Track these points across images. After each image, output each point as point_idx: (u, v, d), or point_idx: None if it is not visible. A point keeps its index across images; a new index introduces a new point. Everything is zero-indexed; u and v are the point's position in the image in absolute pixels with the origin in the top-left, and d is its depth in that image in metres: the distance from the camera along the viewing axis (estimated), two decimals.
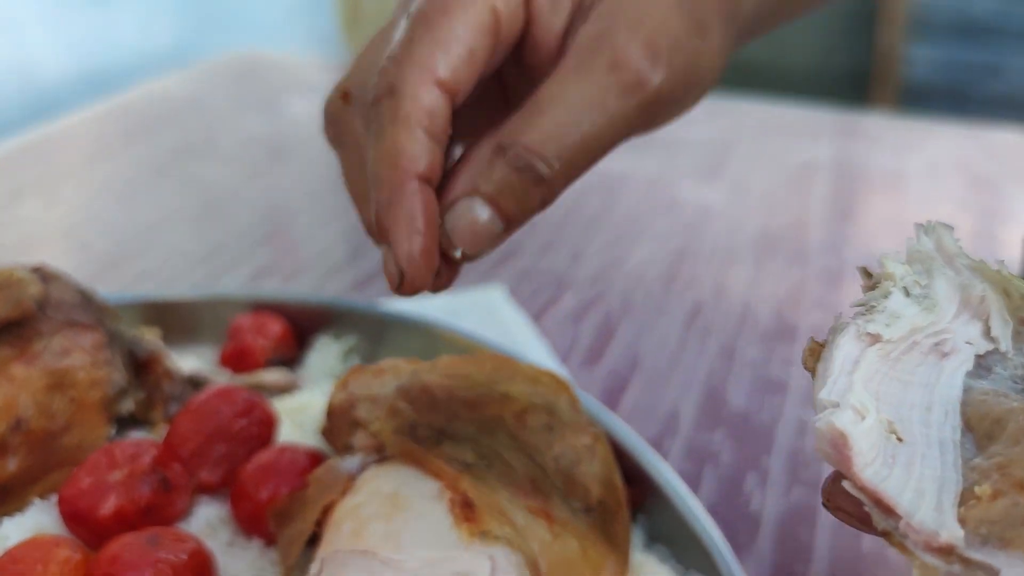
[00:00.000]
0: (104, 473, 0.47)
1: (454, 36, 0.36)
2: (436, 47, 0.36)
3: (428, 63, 0.36)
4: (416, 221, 0.36)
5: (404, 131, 0.36)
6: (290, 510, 0.46)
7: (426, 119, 0.36)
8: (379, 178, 0.37)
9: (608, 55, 0.37)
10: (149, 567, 0.42)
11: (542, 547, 0.41)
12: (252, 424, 0.52)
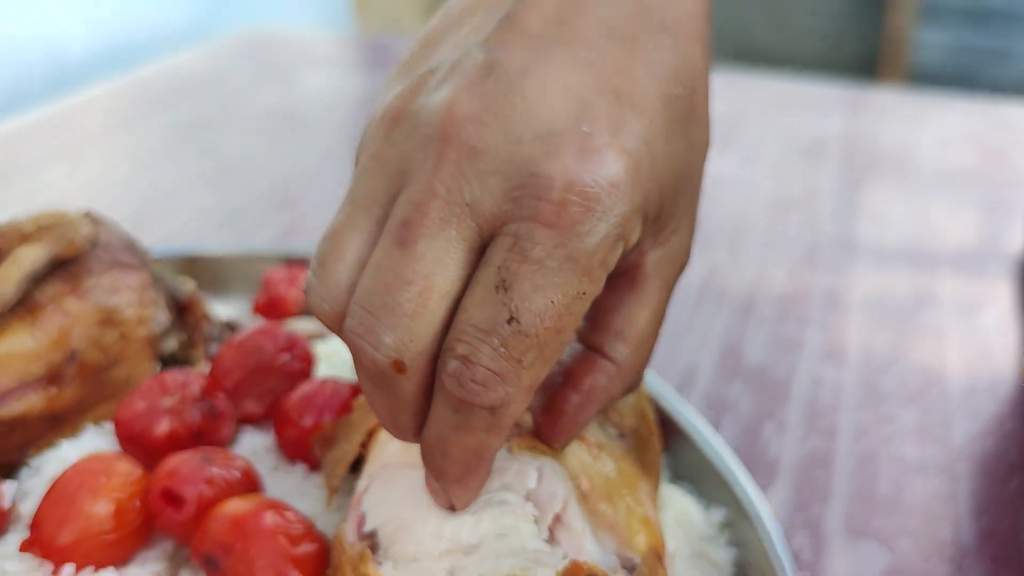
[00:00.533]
0: (157, 398, 0.49)
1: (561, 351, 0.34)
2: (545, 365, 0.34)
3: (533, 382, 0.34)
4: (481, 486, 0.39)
5: (497, 437, 0.35)
6: (334, 434, 0.49)
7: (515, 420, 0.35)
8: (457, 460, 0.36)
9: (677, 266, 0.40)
10: (204, 481, 0.44)
11: (582, 467, 0.43)
12: (294, 359, 0.54)
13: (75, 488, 0.43)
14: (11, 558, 0.43)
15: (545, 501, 0.39)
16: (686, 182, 0.38)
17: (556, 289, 0.32)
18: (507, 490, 0.40)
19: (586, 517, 0.40)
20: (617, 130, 0.34)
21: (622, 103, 0.34)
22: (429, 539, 0.38)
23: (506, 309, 0.32)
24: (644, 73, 0.35)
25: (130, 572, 0.44)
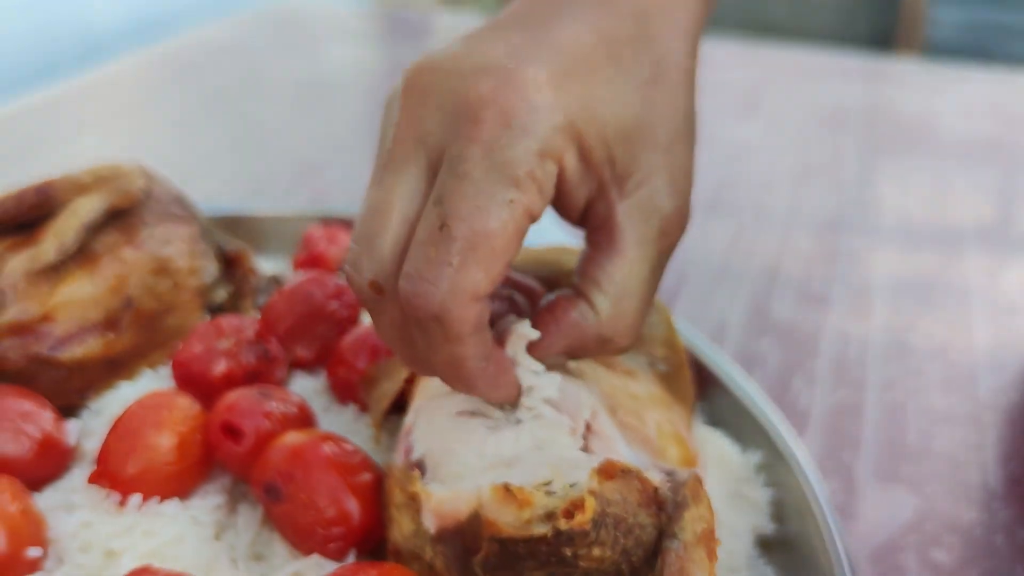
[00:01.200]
0: (213, 341, 0.51)
1: (498, 254, 0.36)
2: (479, 270, 0.36)
3: (471, 287, 0.36)
4: (493, 381, 0.40)
5: (460, 345, 0.37)
6: (378, 375, 0.50)
7: (476, 328, 0.37)
8: (447, 375, 0.39)
9: (657, 224, 0.41)
10: (262, 415, 0.46)
11: (612, 388, 0.44)
12: (342, 307, 0.56)
13: (140, 422, 0.45)
14: (79, 491, 0.45)
15: (575, 412, 0.41)
16: (644, 136, 0.40)
17: (482, 196, 0.36)
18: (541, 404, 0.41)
19: (617, 428, 0.41)
20: (541, 65, 0.37)
21: (553, 49, 0.38)
22: (473, 457, 0.40)
23: (438, 219, 0.36)
24: (588, 36, 0.39)
25: (192, 504, 0.45)
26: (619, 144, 0.39)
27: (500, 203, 0.36)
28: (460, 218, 0.35)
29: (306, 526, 0.42)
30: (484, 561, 0.37)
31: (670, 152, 0.41)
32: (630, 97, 0.40)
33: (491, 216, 0.36)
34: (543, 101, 0.37)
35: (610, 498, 0.36)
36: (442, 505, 0.38)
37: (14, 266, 0.51)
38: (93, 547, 0.43)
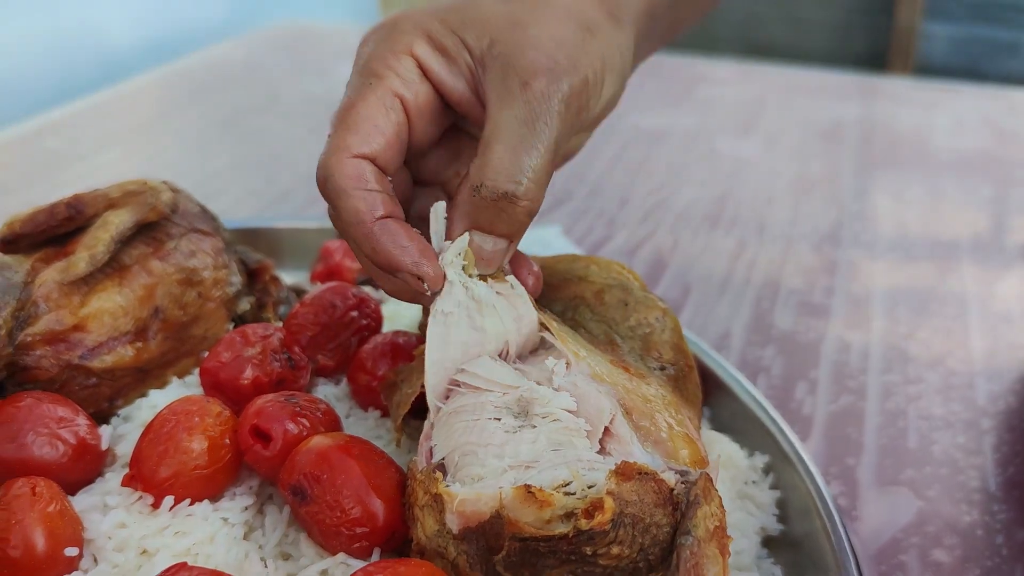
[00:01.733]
0: (240, 349, 0.52)
1: (361, 119, 0.45)
2: (347, 132, 0.45)
3: (342, 145, 0.45)
4: (400, 240, 0.44)
5: (346, 198, 0.44)
6: (398, 379, 0.52)
7: (357, 182, 0.44)
8: (353, 238, 0.45)
9: (516, 79, 0.44)
10: (290, 419, 0.47)
11: (625, 391, 0.46)
12: (362, 316, 0.58)
13: (172, 426, 0.47)
14: (114, 493, 0.47)
15: (595, 416, 0.43)
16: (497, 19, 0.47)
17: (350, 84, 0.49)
18: (557, 409, 0.43)
19: (632, 430, 0.43)
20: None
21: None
22: (492, 459, 0.42)
23: None
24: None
25: (222, 505, 0.47)
26: (470, 30, 0.47)
27: (360, 85, 0.47)
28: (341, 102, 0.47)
29: (332, 526, 0.43)
30: (505, 559, 0.38)
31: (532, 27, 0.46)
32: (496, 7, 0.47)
33: (354, 92, 0.47)
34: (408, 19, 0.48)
35: (628, 499, 0.38)
36: (465, 505, 0.40)
37: (47, 277, 0.53)
38: (128, 547, 0.45)
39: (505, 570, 0.39)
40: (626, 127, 1.19)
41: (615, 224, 0.95)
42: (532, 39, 0.45)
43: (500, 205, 0.44)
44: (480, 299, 0.46)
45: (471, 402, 0.45)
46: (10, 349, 0.51)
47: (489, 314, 0.46)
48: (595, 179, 1.05)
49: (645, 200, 1.00)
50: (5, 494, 0.44)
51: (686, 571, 0.36)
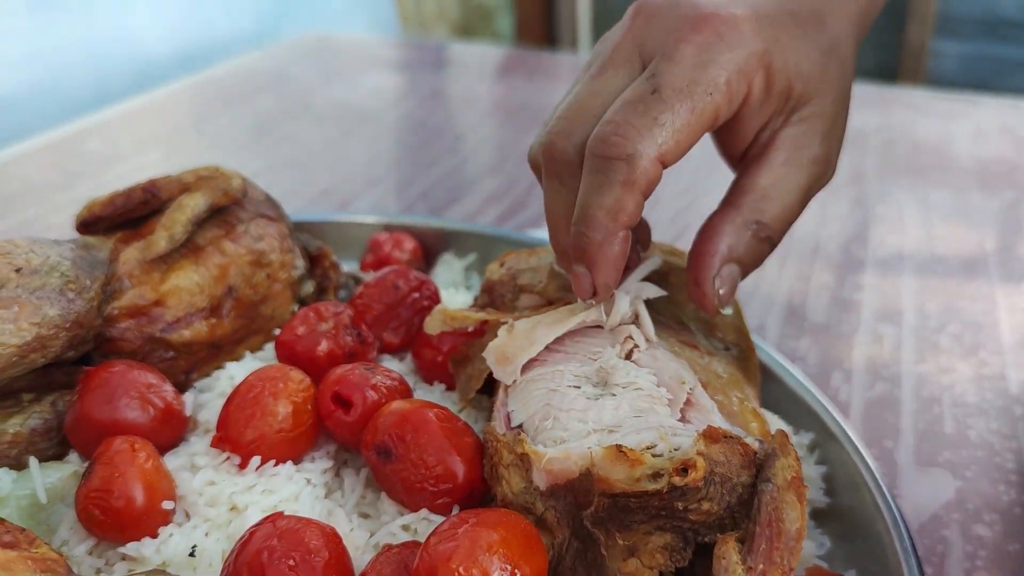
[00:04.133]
0: (315, 324, 0.55)
1: (688, 129, 0.44)
2: (675, 135, 0.44)
3: (665, 148, 0.44)
4: (619, 261, 0.46)
5: (630, 194, 0.44)
6: (468, 354, 0.55)
7: (648, 188, 0.45)
8: (597, 223, 0.45)
9: (809, 154, 0.49)
10: (369, 387, 0.50)
11: (702, 368, 0.49)
12: (423, 297, 0.60)
13: (259, 392, 0.49)
14: (200, 454, 0.50)
15: (675, 387, 0.45)
16: (817, 86, 0.48)
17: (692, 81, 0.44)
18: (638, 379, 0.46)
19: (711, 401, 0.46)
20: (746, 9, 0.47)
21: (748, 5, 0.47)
22: (575, 423, 0.44)
23: (650, 86, 0.44)
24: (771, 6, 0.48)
25: (304, 467, 0.50)
26: (798, 82, 0.48)
27: (703, 92, 0.44)
28: (673, 89, 0.44)
29: (416, 482, 0.46)
30: (594, 515, 0.41)
31: (831, 111, 0.49)
32: (812, 55, 0.48)
33: (696, 99, 0.44)
34: (748, 29, 0.46)
35: (716, 459, 0.40)
36: (553, 464, 0.42)
37: (129, 255, 0.56)
38: (219, 502, 0.47)
39: (593, 525, 0.41)
40: None
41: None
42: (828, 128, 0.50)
43: (761, 244, 0.49)
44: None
45: (549, 371, 0.48)
46: (99, 320, 0.53)
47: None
48: None
49: (674, 201, 1.03)
50: (106, 450, 0.46)
51: (766, 515, 0.38)
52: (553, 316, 0.50)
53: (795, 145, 0.49)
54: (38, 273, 0.51)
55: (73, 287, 0.51)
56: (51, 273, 0.51)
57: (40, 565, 0.39)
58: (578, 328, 0.50)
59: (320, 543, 0.41)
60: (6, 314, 0.48)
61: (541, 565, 0.40)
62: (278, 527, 0.41)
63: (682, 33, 0.45)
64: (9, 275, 0.50)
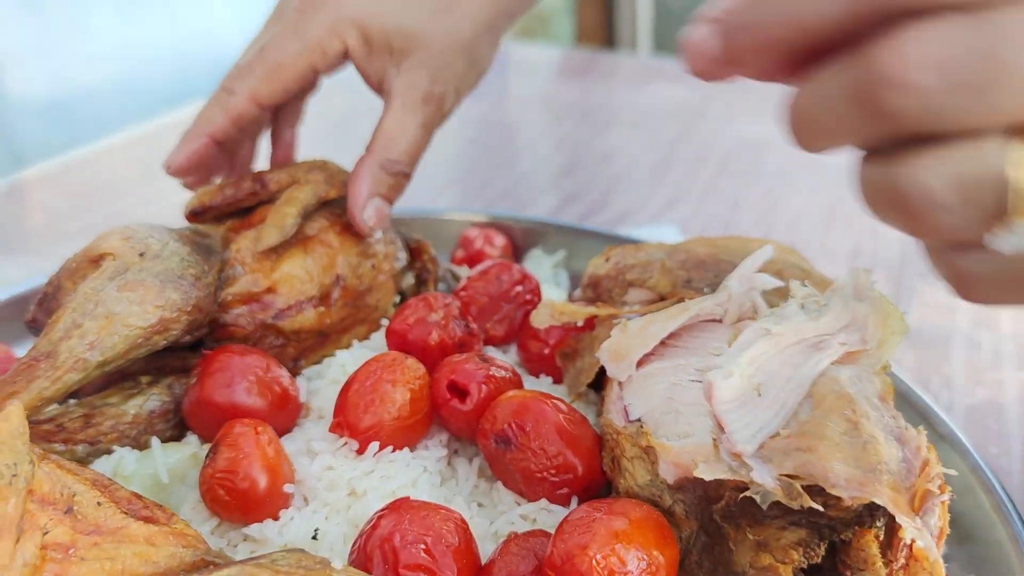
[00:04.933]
0: (425, 314, 0.55)
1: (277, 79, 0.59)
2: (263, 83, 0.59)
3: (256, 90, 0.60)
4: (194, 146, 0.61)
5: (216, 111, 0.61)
6: (577, 348, 0.55)
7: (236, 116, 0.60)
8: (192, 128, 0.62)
9: (418, 95, 0.59)
10: (483, 376, 0.50)
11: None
12: (526, 291, 0.60)
13: (376, 379, 0.49)
14: (317, 439, 0.50)
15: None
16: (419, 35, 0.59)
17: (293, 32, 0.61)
18: None
19: None
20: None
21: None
22: (699, 418, 0.44)
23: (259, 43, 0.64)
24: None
25: (419, 454, 0.50)
26: (397, 38, 0.59)
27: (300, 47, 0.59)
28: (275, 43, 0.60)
29: (536, 472, 0.46)
30: (724, 509, 0.40)
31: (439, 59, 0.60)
32: (414, 14, 0.59)
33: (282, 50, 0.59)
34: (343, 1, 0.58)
35: None
36: (683, 457, 0.42)
37: (242, 244, 0.57)
38: (338, 487, 0.47)
39: (723, 519, 0.41)
40: (730, 135, 1.21)
41: (730, 226, 0.96)
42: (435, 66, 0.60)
43: (397, 179, 0.60)
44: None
45: (668, 365, 0.47)
46: (215, 306, 0.54)
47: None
48: (704, 185, 1.07)
49: (756, 205, 1.02)
50: (229, 433, 0.47)
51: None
52: (667, 312, 0.50)
53: (406, 90, 0.59)
54: (159, 257, 0.52)
55: (193, 272, 0.52)
56: (171, 258, 0.52)
57: (181, 540, 0.39)
58: (693, 323, 0.49)
59: (450, 528, 0.41)
60: (133, 296, 0.49)
61: (673, 555, 0.40)
62: (408, 512, 0.41)
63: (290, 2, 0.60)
64: (133, 259, 0.51)
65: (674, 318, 0.49)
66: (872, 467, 0.37)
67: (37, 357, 0.46)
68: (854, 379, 0.42)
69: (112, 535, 0.38)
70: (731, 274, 0.49)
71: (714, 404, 0.41)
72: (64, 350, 0.46)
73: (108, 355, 0.47)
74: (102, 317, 0.47)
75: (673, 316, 0.49)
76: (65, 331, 0.47)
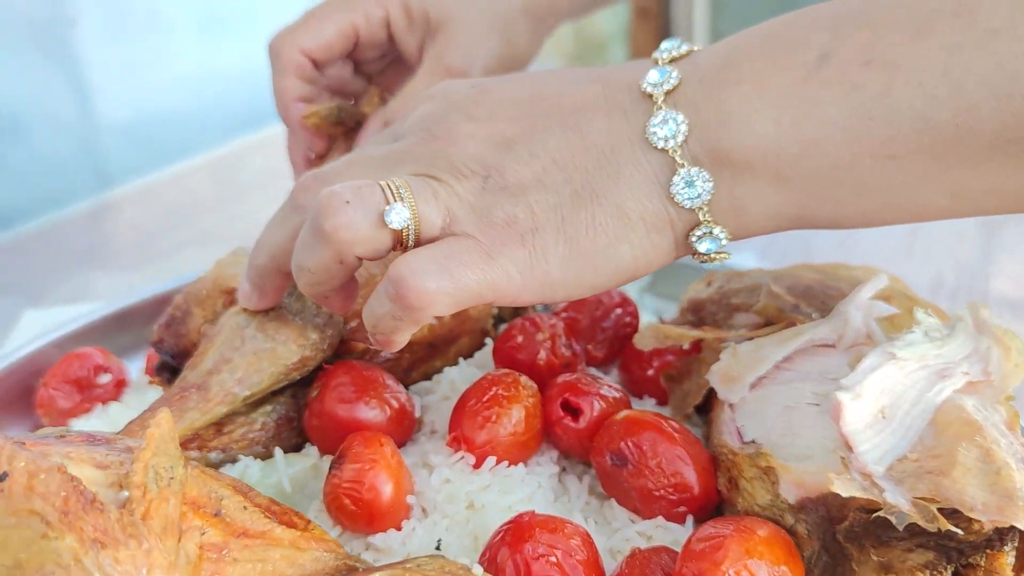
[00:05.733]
0: (532, 334, 0.57)
1: (320, 31, 0.65)
2: (306, 33, 0.64)
3: (297, 39, 0.64)
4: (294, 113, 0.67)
5: (280, 76, 0.65)
6: (683, 371, 0.56)
7: (295, 68, 0.65)
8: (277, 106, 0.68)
9: (445, 62, 0.64)
10: (596, 395, 0.51)
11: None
12: (625, 313, 0.62)
13: (493, 396, 0.51)
14: (434, 453, 0.52)
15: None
16: (454, 9, 0.64)
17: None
18: None
19: None
20: None
21: None
22: (819, 440, 0.45)
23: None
24: None
25: (533, 470, 0.51)
26: (434, 10, 0.64)
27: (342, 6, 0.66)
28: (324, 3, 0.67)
29: (652, 490, 0.47)
30: (848, 529, 0.41)
31: (475, 32, 0.64)
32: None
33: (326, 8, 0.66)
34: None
35: None
36: (804, 478, 0.43)
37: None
38: (456, 500, 0.49)
39: (846, 540, 0.41)
40: None
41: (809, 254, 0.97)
42: (463, 40, 0.64)
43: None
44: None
45: (783, 389, 0.48)
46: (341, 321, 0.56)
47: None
48: None
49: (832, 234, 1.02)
50: (353, 445, 0.48)
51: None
52: (779, 336, 0.51)
53: (435, 56, 0.64)
54: (293, 295, 0.54)
55: (326, 312, 0.54)
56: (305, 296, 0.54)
57: (322, 545, 0.41)
58: (805, 347, 0.50)
59: (579, 542, 0.42)
60: (278, 335, 0.52)
61: (800, 573, 0.41)
62: (536, 524, 0.42)
63: None
64: None
65: (788, 342, 0.49)
66: (1009, 493, 0.38)
67: (187, 388, 0.48)
68: (979, 407, 0.43)
69: (259, 538, 0.40)
70: (846, 300, 0.50)
71: (842, 424, 0.42)
72: (215, 384, 0.48)
73: (254, 390, 0.49)
74: (250, 354, 0.50)
75: (787, 340, 0.50)
76: (215, 365, 0.49)
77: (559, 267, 0.41)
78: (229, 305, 0.54)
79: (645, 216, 0.42)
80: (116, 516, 0.36)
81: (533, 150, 0.42)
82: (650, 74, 0.42)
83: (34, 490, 0.36)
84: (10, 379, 0.67)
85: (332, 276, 0.44)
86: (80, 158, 1.24)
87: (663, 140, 0.41)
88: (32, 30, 1.15)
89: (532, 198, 0.42)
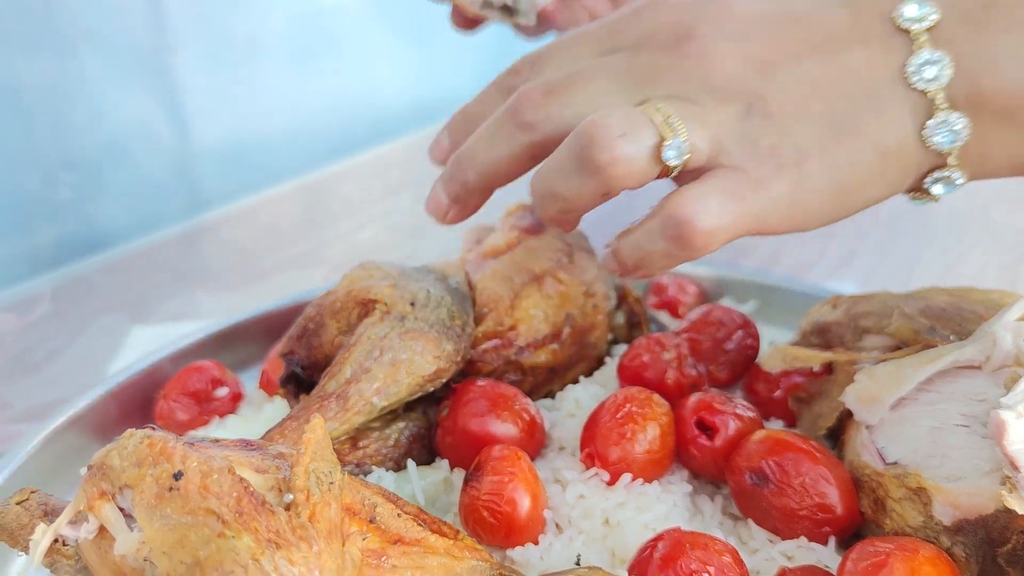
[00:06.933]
0: (658, 353, 0.57)
1: None
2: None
3: None
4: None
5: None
6: (813, 393, 0.55)
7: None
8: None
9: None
10: (731, 414, 0.51)
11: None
12: (747, 335, 0.61)
13: (627, 413, 0.51)
14: (566, 469, 0.52)
15: None
16: None
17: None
18: None
19: None
20: None
21: None
22: (970, 461, 0.44)
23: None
24: None
25: (667, 488, 0.51)
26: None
27: None
28: None
29: (795, 509, 0.46)
30: (1010, 552, 0.40)
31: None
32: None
33: None
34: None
35: None
36: (960, 499, 0.42)
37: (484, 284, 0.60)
38: (592, 516, 0.49)
39: (1008, 563, 0.40)
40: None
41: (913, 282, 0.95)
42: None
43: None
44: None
45: (927, 409, 0.47)
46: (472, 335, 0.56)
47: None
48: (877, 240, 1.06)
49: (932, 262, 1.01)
50: (489, 458, 0.49)
51: None
52: (920, 357, 0.50)
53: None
54: (427, 306, 0.55)
55: (459, 323, 0.55)
56: (439, 307, 0.55)
57: (476, 555, 0.41)
58: (946, 368, 0.49)
59: (730, 560, 0.42)
60: (415, 346, 0.52)
61: None
62: (686, 540, 0.42)
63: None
64: (406, 308, 0.54)
65: (931, 363, 0.49)
66: None
67: (327, 397, 0.49)
68: None
69: (415, 545, 0.40)
70: (991, 321, 0.49)
71: (1006, 444, 0.41)
72: (354, 392, 0.49)
73: (391, 400, 0.50)
74: (388, 364, 0.50)
75: (929, 361, 0.49)
76: (353, 374, 0.50)
77: (818, 201, 0.41)
78: (363, 317, 0.54)
79: (900, 156, 0.41)
80: (286, 518, 0.37)
81: (795, 76, 0.41)
82: (907, 7, 0.41)
83: (208, 489, 0.37)
84: (128, 392, 0.69)
85: (587, 206, 0.44)
86: (176, 181, 1.27)
87: (925, 82, 0.40)
88: (136, 57, 1.19)
89: (796, 128, 0.41)
